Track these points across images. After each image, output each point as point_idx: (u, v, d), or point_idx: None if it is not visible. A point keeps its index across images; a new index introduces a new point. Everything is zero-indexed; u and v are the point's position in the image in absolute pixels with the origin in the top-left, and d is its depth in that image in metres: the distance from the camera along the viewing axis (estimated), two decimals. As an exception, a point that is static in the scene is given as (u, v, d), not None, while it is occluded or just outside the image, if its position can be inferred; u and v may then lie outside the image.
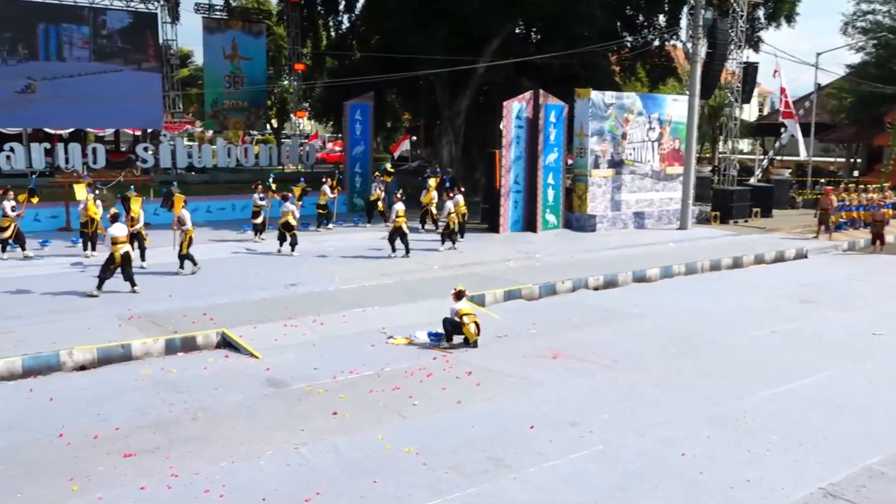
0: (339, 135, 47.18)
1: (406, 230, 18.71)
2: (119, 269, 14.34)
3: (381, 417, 9.36)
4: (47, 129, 30.38)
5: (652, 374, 11.21)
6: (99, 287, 14.25)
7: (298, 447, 8.46)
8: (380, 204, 23.88)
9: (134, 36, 29.91)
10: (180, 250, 16.36)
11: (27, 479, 7.65)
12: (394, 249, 18.79)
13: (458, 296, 12.48)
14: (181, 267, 16.35)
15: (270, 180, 21.47)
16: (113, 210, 15.59)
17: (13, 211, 17.33)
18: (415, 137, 42.46)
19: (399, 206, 18.64)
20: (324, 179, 23.59)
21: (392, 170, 26.20)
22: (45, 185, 21.45)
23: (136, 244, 16.34)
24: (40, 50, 28.35)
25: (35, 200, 18.24)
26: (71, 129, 31.06)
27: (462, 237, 21.08)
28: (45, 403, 9.57)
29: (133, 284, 14.47)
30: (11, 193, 17.72)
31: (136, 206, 16.96)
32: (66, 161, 26.09)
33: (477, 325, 12.31)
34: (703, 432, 9.08)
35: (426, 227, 22.70)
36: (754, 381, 10.98)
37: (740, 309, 15.44)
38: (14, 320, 12.39)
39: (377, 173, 25.08)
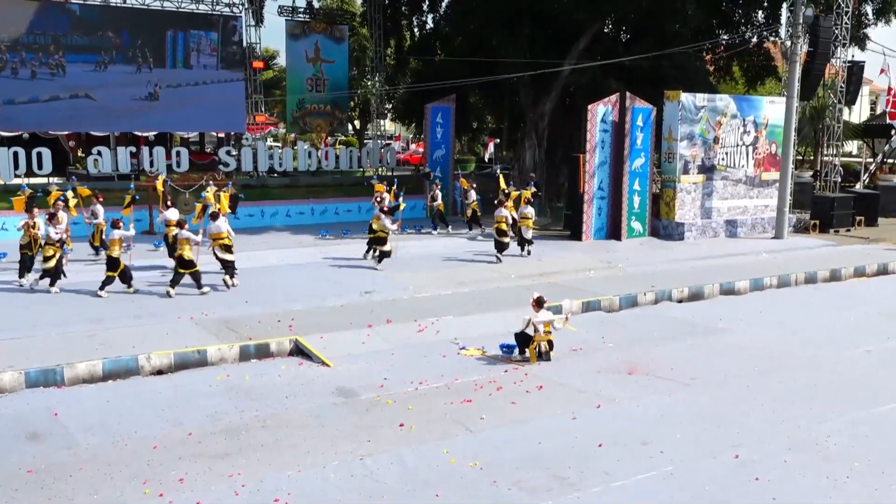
0: (417, 135, 47.58)
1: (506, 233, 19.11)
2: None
3: (448, 430, 9.29)
4: (135, 133, 31.39)
5: (731, 393, 10.77)
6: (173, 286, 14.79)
7: (364, 458, 8.49)
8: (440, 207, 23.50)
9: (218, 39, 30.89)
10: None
11: (104, 480, 7.96)
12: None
13: (539, 303, 12.15)
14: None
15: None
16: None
17: (56, 235, 15.04)
18: (498, 140, 42.37)
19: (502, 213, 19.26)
20: (437, 184, 23.78)
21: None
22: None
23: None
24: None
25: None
26: (156, 132, 32.03)
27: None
28: (124, 406, 9.92)
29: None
30: (62, 214, 15.94)
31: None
32: (151, 164, 26.94)
33: (550, 343, 12.06)
34: (780, 456, 8.68)
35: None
36: (841, 403, 10.41)
37: (834, 325, 14.65)
38: (97, 323, 12.90)
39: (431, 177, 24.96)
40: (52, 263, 14.86)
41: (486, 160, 44.30)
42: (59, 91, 27.84)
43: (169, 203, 18.44)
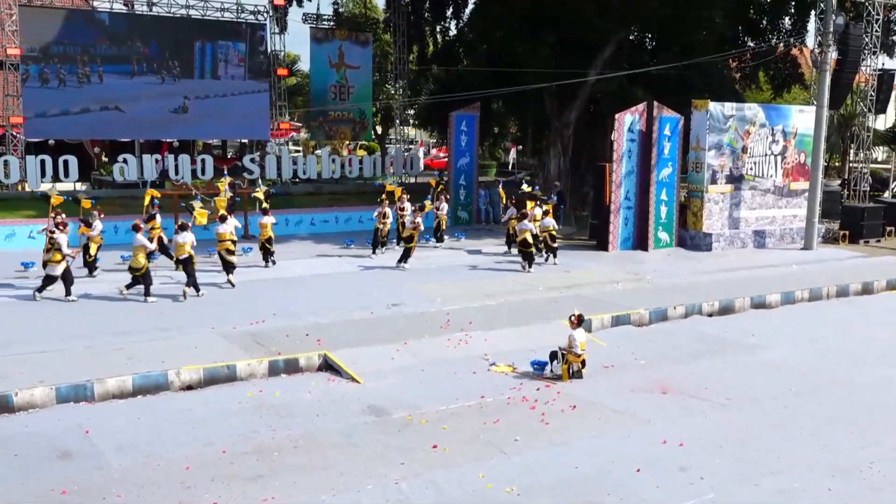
0: (443, 141, 47.38)
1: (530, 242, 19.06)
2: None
3: (482, 453, 9.14)
4: (159, 139, 31.43)
5: (769, 415, 10.55)
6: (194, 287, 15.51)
7: (398, 482, 8.37)
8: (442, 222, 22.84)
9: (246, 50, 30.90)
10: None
11: (137, 503, 7.85)
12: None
13: (580, 321, 11.97)
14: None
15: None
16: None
17: (69, 248, 15.22)
18: (521, 147, 42.19)
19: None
20: (446, 196, 23.63)
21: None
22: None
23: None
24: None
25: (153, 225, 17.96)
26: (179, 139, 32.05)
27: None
28: (155, 423, 9.85)
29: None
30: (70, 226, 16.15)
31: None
32: (176, 171, 26.95)
33: (583, 361, 11.89)
34: (823, 484, 8.47)
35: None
36: (883, 427, 10.19)
37: (869, 343, 14.35)
38: (125, 336, 12.85)
39: (441, 187, 24.59)
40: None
41: (510, 167, 44.15)
42: (90, 103, 27.96)
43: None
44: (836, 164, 38.40)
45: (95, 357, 11.74)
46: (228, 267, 16.69)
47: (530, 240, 19.12)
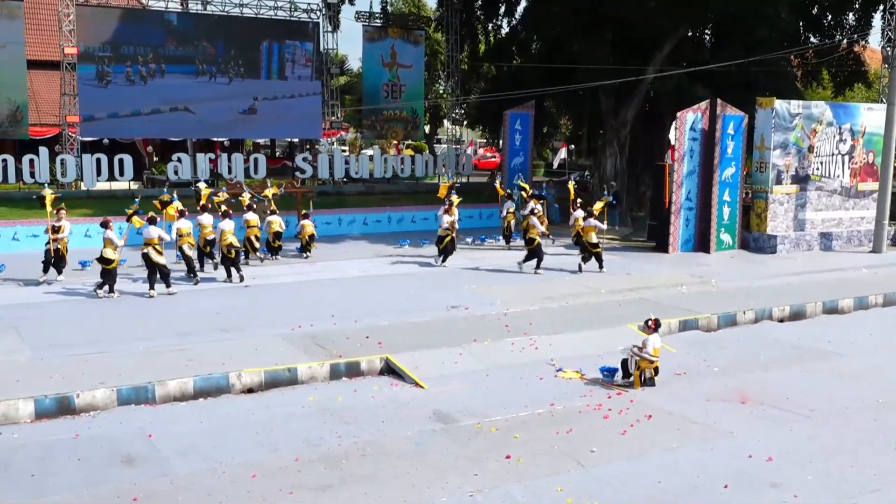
0: (493, 140, 46.89)
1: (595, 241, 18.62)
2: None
3: (559, 464, 8.71)
4: (210, 138, 31.53)
5: (857, 428, 9.94)
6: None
7: (473, 494, 7.99)
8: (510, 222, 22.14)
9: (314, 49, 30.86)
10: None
11: (205, 511, 7.61)
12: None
13: (657, 326, 11.48)
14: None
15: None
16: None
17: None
18: (572, 146, 41.44)
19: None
20: (511, 195, 22.86)
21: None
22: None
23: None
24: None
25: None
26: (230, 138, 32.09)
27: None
28: (218, 428, 9.60)
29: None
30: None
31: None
32: (229, 171, 26.92)
33: (656, 368, 11.38)
34: (926, 504, 7.87)
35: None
36: (981, 442, 9.49)
37: (954, 351, 13.60)
38: (185, 337, 12.65)
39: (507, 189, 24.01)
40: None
41: (556, 167, 43.42)
42: (160, 104, 28.16)
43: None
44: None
45: (156, 358, 11.56)
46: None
47: (595, 239, 18.63)
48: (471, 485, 8.18)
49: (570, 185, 21.66)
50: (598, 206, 19.85)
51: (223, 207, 17.68)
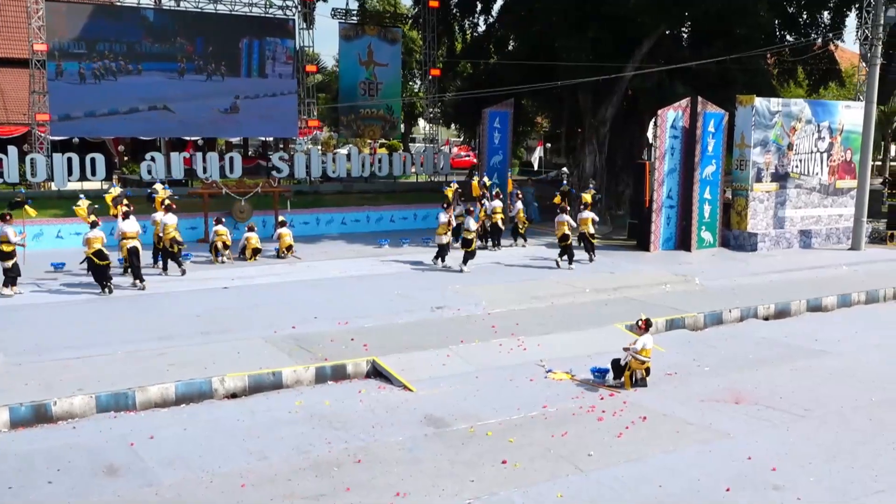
0: (468, 139, 46.58)
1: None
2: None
3: (556, 469, 8.51)
4: (182, 137, 30.82)
5: (854, 428, 9.87)
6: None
7: (471, 501, 7.76)
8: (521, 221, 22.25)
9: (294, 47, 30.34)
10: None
11: (192, 522, 7.30)
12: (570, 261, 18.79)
13: (647, 326, 11.42)
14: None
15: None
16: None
17: (16, 237, 15.18)
18: (549, 144, 41.43)
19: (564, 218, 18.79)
20: (519, 194, 22.95)
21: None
22: (184, 196, 21.49)
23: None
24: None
25: (33, 214, 17.22)
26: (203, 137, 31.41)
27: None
28: (202, 435, 9.26)
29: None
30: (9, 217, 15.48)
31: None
32: (204, 171, 26.41)
33: (647, 368, 11.23)
34: (929, 507, 7.78)
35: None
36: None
37: (940, 348, 13.62)
38: (166, 341, 12.27)
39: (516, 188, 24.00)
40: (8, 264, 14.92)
41: (535, 166, 43.31)
42: (138, 102, 27.42)
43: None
44: (878, 161, 37.45)
45: (137, 363, 11.18)
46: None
47: (592, 230, 19.48)
48: (468, 491, 7.96)
49: (557, 198, 21.25)
50: (586, 196, 20.10)
51: (167, 202, 17.44)
